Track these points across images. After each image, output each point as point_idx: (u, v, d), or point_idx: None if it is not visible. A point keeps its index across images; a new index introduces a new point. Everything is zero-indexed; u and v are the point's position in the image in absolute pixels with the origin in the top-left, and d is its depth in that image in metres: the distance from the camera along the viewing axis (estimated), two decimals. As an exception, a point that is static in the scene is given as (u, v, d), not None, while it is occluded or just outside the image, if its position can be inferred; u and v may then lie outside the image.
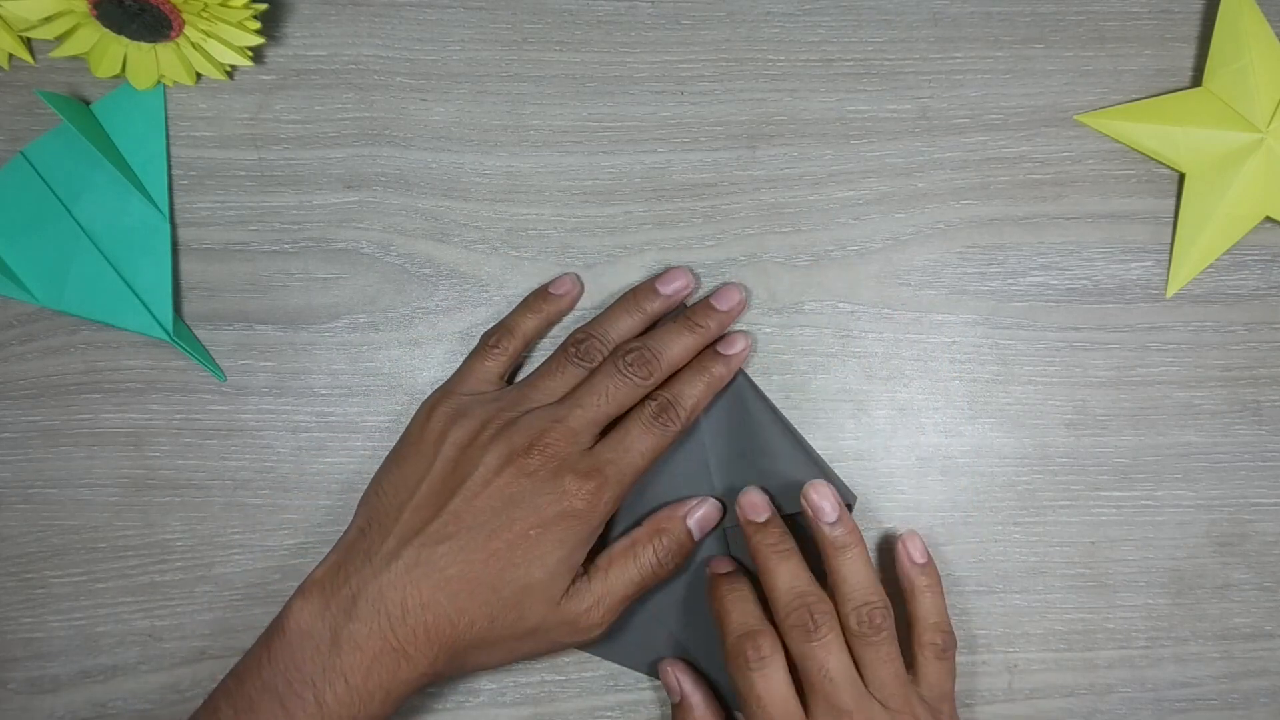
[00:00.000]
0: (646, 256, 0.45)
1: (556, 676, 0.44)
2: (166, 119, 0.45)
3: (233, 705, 0.36)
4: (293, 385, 0.44)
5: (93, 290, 0.43)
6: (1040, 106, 0.45)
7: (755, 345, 0.44)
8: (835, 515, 0.39)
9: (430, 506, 0.38)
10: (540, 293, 0.44)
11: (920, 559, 0.41)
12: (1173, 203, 0.45)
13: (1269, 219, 0.45)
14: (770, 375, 0.44)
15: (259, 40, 0.43)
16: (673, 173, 0.45)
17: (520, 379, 0.43)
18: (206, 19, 0.41)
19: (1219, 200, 0.44)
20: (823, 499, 0.40)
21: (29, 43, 0.45)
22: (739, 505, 0.41)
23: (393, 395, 0.44)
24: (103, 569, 0.44)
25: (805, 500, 0.40)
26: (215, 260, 0.45)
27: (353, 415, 0.44)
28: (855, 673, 0.38)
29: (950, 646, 0.40)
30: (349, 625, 0.36)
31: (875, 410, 0.45)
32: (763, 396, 0.44)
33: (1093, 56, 0.46)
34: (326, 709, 0.35)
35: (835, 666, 0.38)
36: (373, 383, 0.44)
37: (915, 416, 0.45)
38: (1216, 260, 0.45)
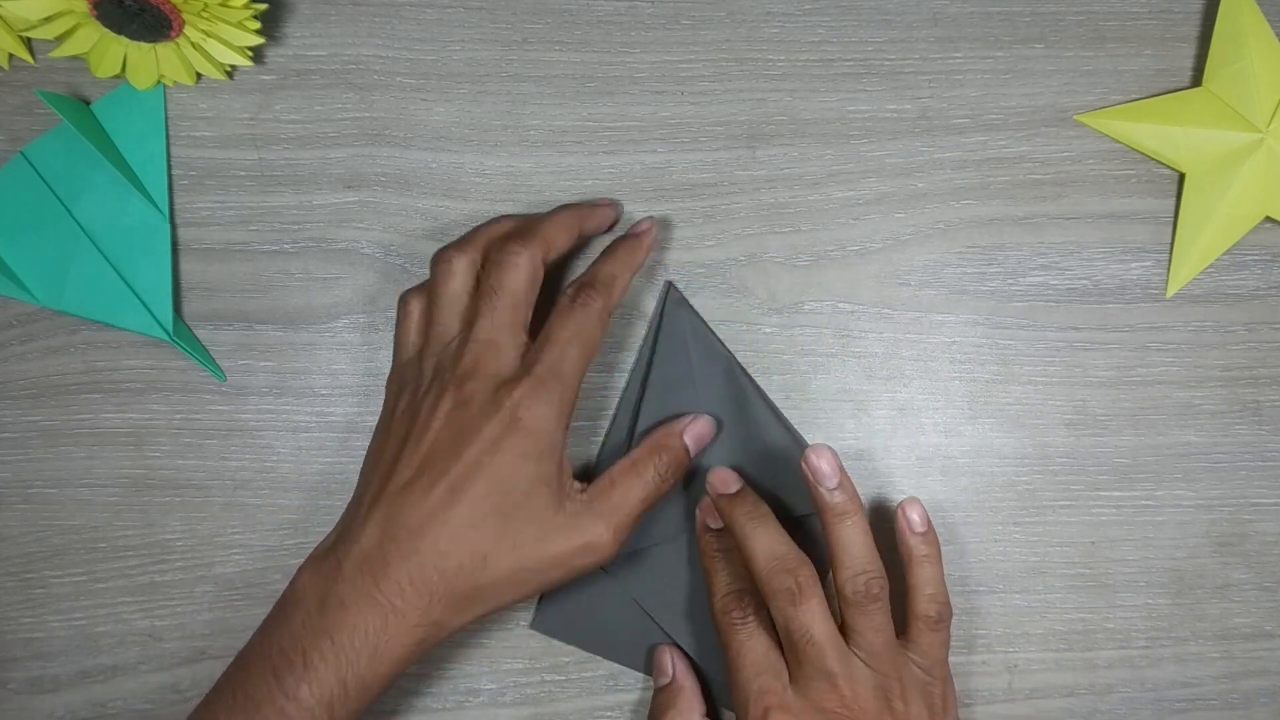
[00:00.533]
0: (646, 256, 0.45)
1: (556, 676, 0.44)
2: (166, 119, 0.45)
3: (232, 683, 0.36)
4: (293, 385, 0.44)
5: (93, 290, 0.43)
6: (1040, 106, 0.45)
7: (754, 344, 0.44)
8: (836, 481, 0.39)
9: (390, 460, 0.38)
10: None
11: (920, 528, 0.40)
12: (1173, 203, 0.45)
13: (1269, 219, 0.45)
14: (770, 375, 0.44)
15: (259, 40, 0.43)
16: (673, 173, 0.45)
17: None
18: (206, 19, 0.41)
19: (1219, 200, 0.44)
20: (823, 462, 0.39)
21: (29, 43, 0.44)
22: (709, 483, 0.41)
23: (393, 395, 0.44)
24: (103, 569, 0.44)
25: (805, 464, 0.39)
26: (215, 260, 0.45)
27: (353, 415, 0.44)
28: (840, 635, 0.38)
29: (945, 617, 0.40)
30: (335, 587, 0.36)
31: (875, 410, 0.45)
32: (763, 395, 0.44)
33: (1093, 56, 0.46)
34: (313, 669, 0.35)
35: (819, 630, 0.37)
36: (373, 383, 0.44)
37: (915, 416, 0.45)
38: (1216, 260, 0.45)
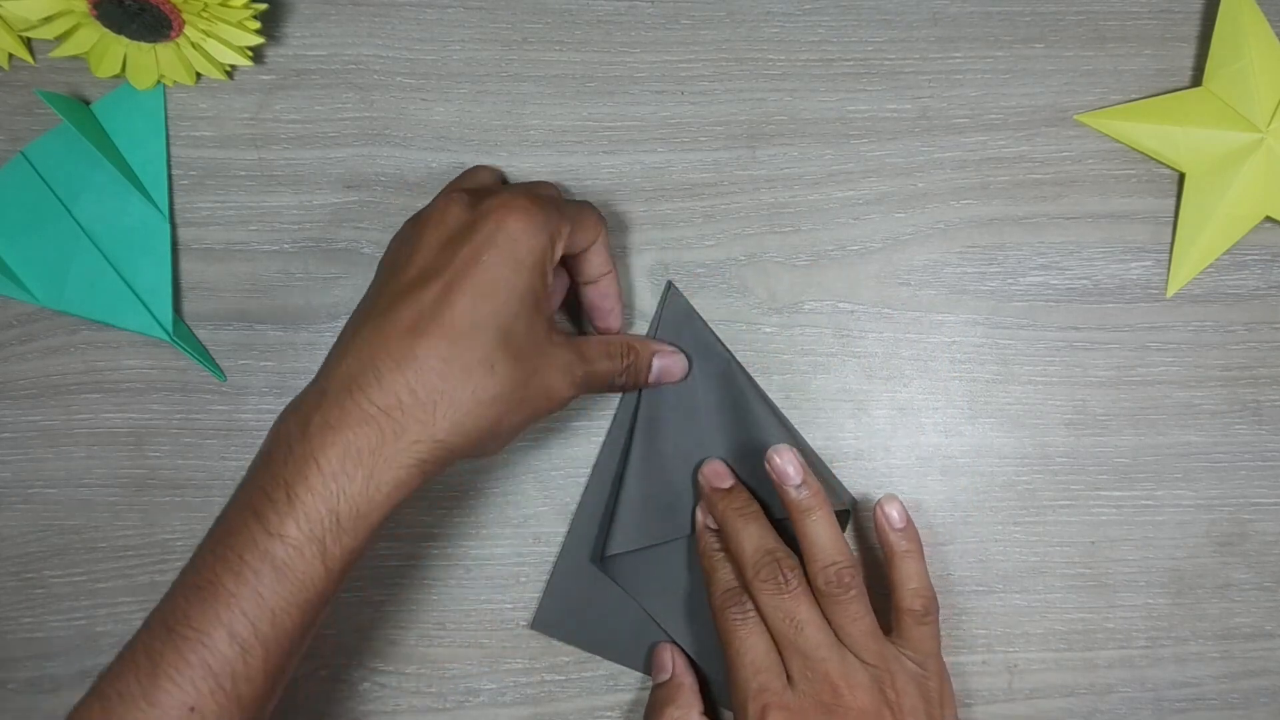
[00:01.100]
0: (646, 256, 0.45)
1: (556, 676, 0.44)
2: (166, 119, 0.45)
3: (212, 538, 0.33)
4: (293, 385, 0.44)
5: (93, 290, 0.43)
6: (1040, 106, 0.45)
7: (754, 344, 0.44)
8: (799, 479, 0.39)
9: (380, 281, 0.37)
10: None
11: (899, 523, 0.41)
12: (1173, 203, 0.45)
13: (1269, 219, 0.45)
14: (770, 375, 0.44)
15: (259, 40, 0.43)
16: (673, 173, 0.45)
17: None
18: (206, 19, 0.41)
19: (1219, 200, 0.44)
20: (786, 463, 0.39)
21: (29, 43, 0.44)
22: (701, 474, 0.42)
23: (393, 395, 0.44)
24: (103, 569, 0.44)
25: (769, 465, 0.40)
26: (215, 260, 0.45)
27: (353, 415, 0.44)
28: (827, 624, 0.38)
29: (932, 610, 0.40)
30: (319, 412, 0.33)
31: (875, 410, 0.45)
32: (763, 395, 0.44)
33: (1093, 56, 0.46)
34: (298, 502, 0.31)
35: (806, 617, 0.38)
36: (373, 383, 0.44)
37: (915, 416, 0.45)
38: (1216, 260, 0.45)
